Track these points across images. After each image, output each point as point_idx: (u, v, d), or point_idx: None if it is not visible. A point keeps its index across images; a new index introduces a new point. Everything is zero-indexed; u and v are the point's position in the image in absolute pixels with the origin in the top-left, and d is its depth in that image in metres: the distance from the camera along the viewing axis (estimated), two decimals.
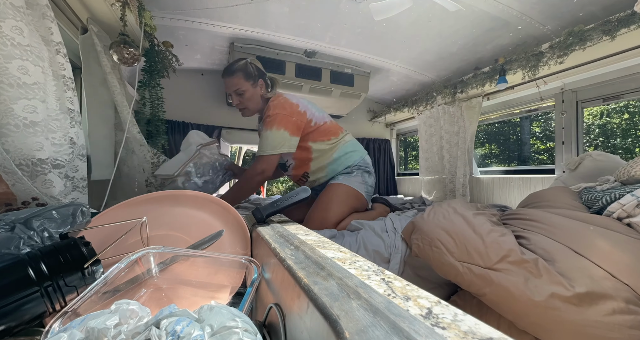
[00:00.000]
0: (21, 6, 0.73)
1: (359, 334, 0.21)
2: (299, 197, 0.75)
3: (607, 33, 1.24)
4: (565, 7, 1.38)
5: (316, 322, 0.26)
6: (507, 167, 2.22)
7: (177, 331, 0.27)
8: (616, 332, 0.52)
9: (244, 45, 1.83)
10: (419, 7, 1.45)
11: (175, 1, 1.46)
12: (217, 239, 0.61)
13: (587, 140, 8.51)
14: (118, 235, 0.53)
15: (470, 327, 0.21)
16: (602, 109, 8.19)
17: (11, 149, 0.72)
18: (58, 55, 0.87)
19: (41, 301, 0.39)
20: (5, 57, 0.70)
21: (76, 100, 0.93)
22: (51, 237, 0.49)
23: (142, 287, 0.50)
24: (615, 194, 0.83)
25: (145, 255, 0.50)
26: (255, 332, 0.30)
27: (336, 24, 1.65)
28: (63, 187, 0.84)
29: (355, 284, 0.29)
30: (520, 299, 0.60)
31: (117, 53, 1.12)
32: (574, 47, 1.35)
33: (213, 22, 1.65)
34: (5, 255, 0.42)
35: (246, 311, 0.39)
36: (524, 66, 1.58)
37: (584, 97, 1.66)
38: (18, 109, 0.72)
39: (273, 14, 1.58)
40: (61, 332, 0.29)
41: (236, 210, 0.68)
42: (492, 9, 1.44)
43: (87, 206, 0.58)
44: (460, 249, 0.75)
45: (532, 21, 1.51)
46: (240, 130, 2.45)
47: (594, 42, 1.30)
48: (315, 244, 0.46)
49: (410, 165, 5.39)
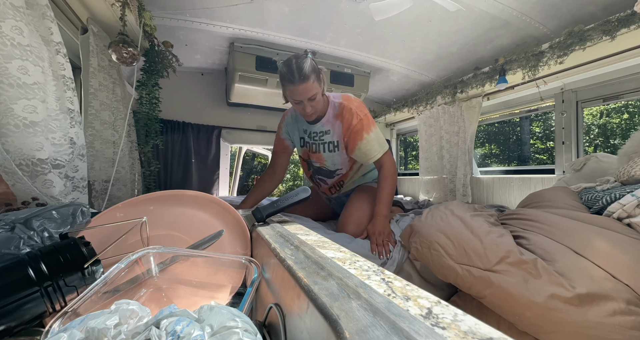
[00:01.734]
0: (21, 6, 0.73)
1: (359, 334, 0.21)
2: (299, 197, 0.75)
3: (607, 33, 1.24)
4: (565, 7, 1.38)
5: (316, 322, 0.26)
6: (507, 167, 2.22)
7: (177, 331, 0.27)
8: (617, 333, 0.52)
9: (244, 45, 1.83)
10: (419, 7, 1.45)
11: (175, 1, 1.46)
12: (217, 239, 0.61)
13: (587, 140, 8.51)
14: (118, 235, 0.53)
15: (470, 327, 0.21)
16: (602, 108, 8.19)
17: (11, 149, 0.72)
18: (58, 55, 0.87)
19: (41, 301, 0.39)
20: (5, 57, 0.70)
21: (76, 100, 0.93)
22: (51, 237, 0.49)
23: (142, 287, 0.50)
24: (616, 194, 0.83)
25: (145, 255, 0.50)
26: (255, 332, 0.30)
27: (336, 24, 1.65)
28: (63, 187, 0.84)
29: (355, 284, 0.29)
30: (520, 300, 0.60)
31: (116, 52, 1.12)
32: (574, 47, 1.35)
33: (213, 22, 1.65)
34: (5, 255, 0.42)
35: (246, 311, 0.39)
36: (524, 66, 1.58)
37: (584, 97, 1.66)
38: (18, 109, 0.72)
39: (273, 14, 1.58)
40: (61, 332, 0.29)
41: (236, 210, 0.68)
42: (492, 9, 1.44)
43: (87, 206, 0.57)
44: (458, 251, 0.75)
45: (532, 21, 1.50)
46: (240, 130, 2.45)
47: (594, 42, 1.30)
48: (315, 244, 0.46)
49: (410, 165, 5.39)
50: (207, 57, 2.07)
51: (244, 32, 1.74)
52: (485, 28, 1.60)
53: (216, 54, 2.03)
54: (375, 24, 1.61)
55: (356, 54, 1.99)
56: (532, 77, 1.60)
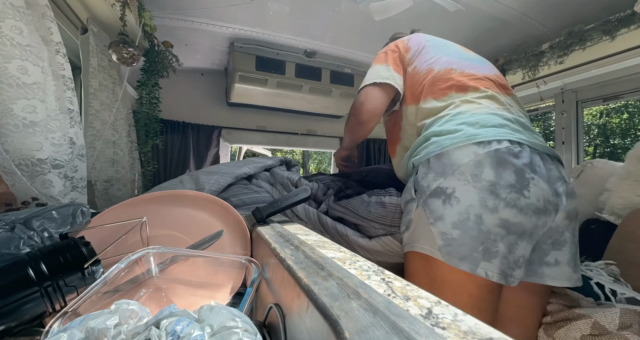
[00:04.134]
0: (21, 6, 0.73)
1: (359, 334, 0.21)
2: (299, 197, 0.75)
3: (607, 33, 1.24)
4: (566, 7, 1.38)
5: (316, 322, 0.26)
6: None
7: (177, 331, 0.27)
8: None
9: (244, 45, 1.83)
10: (419, 7, 1.45)
11: (175, 1, 1.46)
12: (217, 239, 0.61)
13: (586, 140, 8.52)
14: (118, 235, 0.53)
15: (470, 327, 0.21)
16: (602, 108, 8.19)
17: (11, 149, 0.72)
18: (58, 55, 0.87)
19: (41, 301, 0.39)
20: (4, 57, 0.70)
21: (76, 100, 0.93)
22: (51, 237, 0.49)
23: (142, 287, 0.50)
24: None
25: (145, 255, 0.50)
26: (255, 332, 0.30)
27: (336, 24, 1.65)
28: (62, 187, 0.84)
29: (355, 284, 0.29)
30: None
31: (116, 53, 1.12)
32: (574, 47, 1.36)
33: (213, 22, 1.65)
34: (5, 255, 0.42)
35: (246, 311, 0.39)
36: (524, 66, 1.58)
37: (584, 97, 1.66)
38: (17, 109, 0.72)
39: (273, 14, 1.58)
40: (61, 332, 0.29)
41: (236, 210, 0.68)
42: (492, 9, 1.44)
43: (87, 206, 0.58)
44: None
45: (532, 21, 1.50)
46: (240, 130, 2.45)
47: (594, 42, 1.30)
48: (315, 244, 0.46)
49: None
50: (207, 57, 2.07)
51: (244, 32, 1.74)
52: (485, 28, 1.60)
53: (216, 54, 2.03)
54: (375, 24, 1.61)
55: (356, 53, 1.99)
56: (532, 77, 1.60)
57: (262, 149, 4.32)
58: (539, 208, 0.64)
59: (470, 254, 0.62)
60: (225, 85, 2.33)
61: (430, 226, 0.67)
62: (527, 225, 0.64)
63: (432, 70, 0.85)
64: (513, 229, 0.63)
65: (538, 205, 0.64)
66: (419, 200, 0.71)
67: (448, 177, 0.68)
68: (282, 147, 5.03)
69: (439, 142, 0.72)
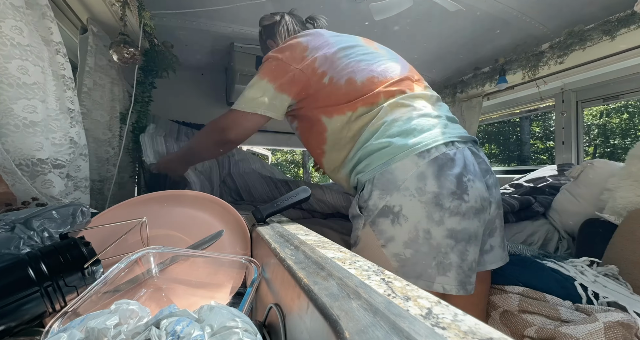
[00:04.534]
0: (21, 6, 0.73)
1: (359, 334, 0.21)
2: (299, 197, 0.75)
3: (607, 33, 1.24)
4: (565, 7, 1.38)
5: (316, 322, 0.26)
6: (507, 167, 2.22)
7: (177, 331, 0.27)
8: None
9: (244, 45, 1.82)
10: (419, 7, 1.45)
11: (175, 1, 1.46)
12: (217, 239, 0.61)
13: (586, 140, 8.52)
14: (118, 235, 0.53)
15: (470, 327, 0.21)
16: (602, 108, 8.19)
17: (11, 149, 0.72)
18: (58, 55, 0.87)
19: (41, 301, 0.39)
20: (4, 57, 0.70)
21: (76, 100, 0.93)
22: (51, 237, 0.49)
23: (142, 287, 0.50)
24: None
25: (145, 255, 0.50)
26: (255, 332, 0.30)
27: (336, 24, 1.65)
28: (64, 187, 0.84)
29: (355, 284, 0.29)
30: None
31: (117, 53, 1.12)
32: (574, 47, 1.36)
33: (213, 22, 1.65)
34: (5, 255, 0.42)
35: (246, 311, 0.39)
36: (524, 66, 1.58)
37: (584, 97, 1.66)
38: (18, 109, 0.72)
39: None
40: (61, 332, 0.29)
41: (236, 210, 0.68)
42: (492, 9, 1.44)
43: (87, 206, 0.58)
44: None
45: (532, 21, 1.50)
46: None
47: (594, 42, 1.30)
48: (315, 244, 0.46)
49: None
50: (207, 57, 2.07)
51: (244, 32, 1.74)
52: (485, 28, 1.60)
53: (216, 54, 2.03)
54: (375, 24, 1.61)
55: None
56: (532, 77, 1.61)
57: (262, 149, 4.33)
58: (478, 209, 0.67)
59: (424, 270, 0.64)
60: (225, 85, 2.33)
61: (382, 248, 0.68)
62: (472, 229, 0.66)
63: (353, 80, 0.82)
64: (460, 237, 0.65)
65: (476, 206, 0.67)
66: (367, 219, 0.72)
67: (394, 193, 0.68)
68: (282, 147, 5.02)
69: (380, 156, 0.72)
